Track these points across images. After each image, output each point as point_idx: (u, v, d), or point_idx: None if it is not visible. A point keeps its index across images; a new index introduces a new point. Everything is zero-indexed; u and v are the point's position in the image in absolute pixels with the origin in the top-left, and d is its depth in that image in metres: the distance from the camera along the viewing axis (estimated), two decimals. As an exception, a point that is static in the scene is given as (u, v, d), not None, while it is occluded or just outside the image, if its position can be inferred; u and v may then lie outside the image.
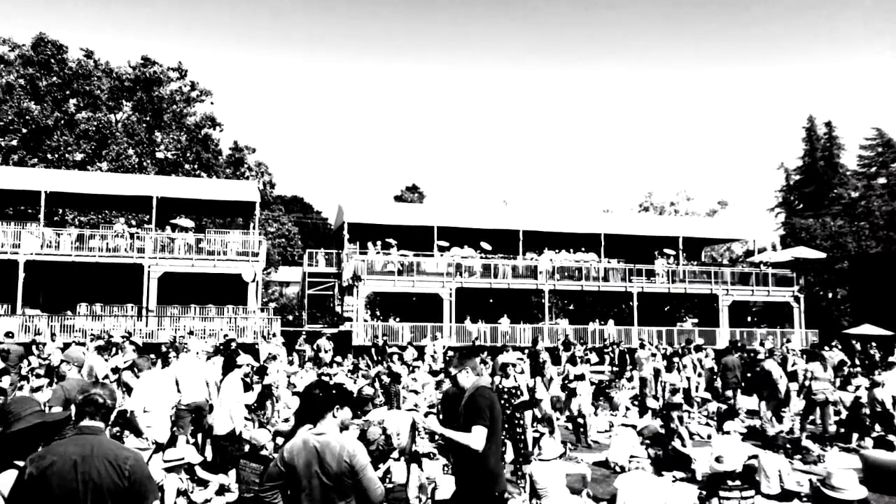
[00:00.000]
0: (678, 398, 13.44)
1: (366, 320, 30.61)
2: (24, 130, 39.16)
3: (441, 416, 11.27)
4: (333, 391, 4.74)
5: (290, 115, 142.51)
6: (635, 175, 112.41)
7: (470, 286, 31.55)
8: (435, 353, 24.63)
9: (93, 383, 4.04)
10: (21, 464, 3.92)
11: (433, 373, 20.05)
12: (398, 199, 62.43)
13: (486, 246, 33.29)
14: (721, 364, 17.67)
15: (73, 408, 4.24)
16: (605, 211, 51.16)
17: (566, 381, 15.15)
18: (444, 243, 32.37)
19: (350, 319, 31.90)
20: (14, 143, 39.33)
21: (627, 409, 17.28)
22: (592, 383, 16.76)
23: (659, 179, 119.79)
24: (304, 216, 68.11)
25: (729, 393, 16.86)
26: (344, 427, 4.68)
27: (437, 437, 12.83)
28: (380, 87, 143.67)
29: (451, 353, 22.95)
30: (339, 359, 21.12)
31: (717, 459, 8.11)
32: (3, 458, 4.63)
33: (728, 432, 11.21)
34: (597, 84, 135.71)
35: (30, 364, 16.48)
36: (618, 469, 10.97)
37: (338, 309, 37.56)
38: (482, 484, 5.38)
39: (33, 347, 18.68)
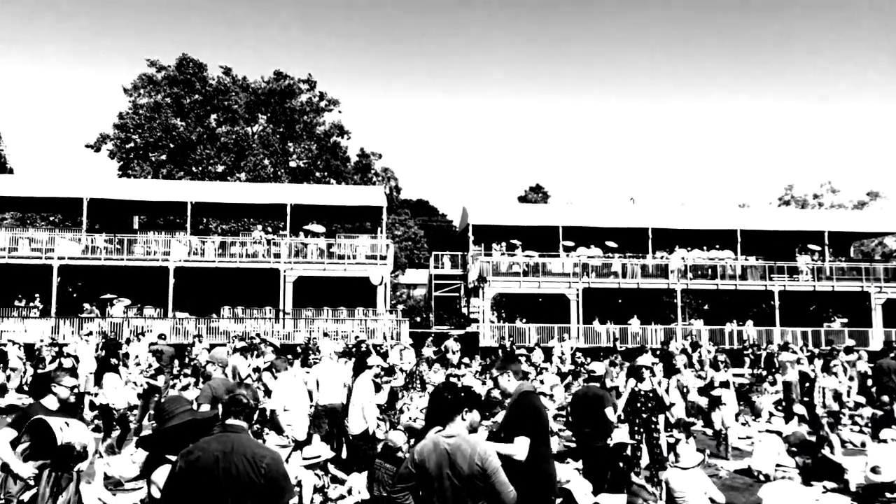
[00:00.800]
0: (833, 403, 12.54)
1: (492, 322, 30.65)
2: (172, 146, 42.13)
3: (571, 418, 11.06)
4: (462, 393, 4.71)
5: (414, 121, 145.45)
6: (773, 168, 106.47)
7: (597, 286, 30.92)
8: (563, 354, 24.28)
9: (238, 384, 4.22)
10: (173, 458, 4.16)
11: (561, 375, 19.77)
12: (522, 199, 62.16)
13: (612, 245, 32.51)
14: (875, 367, 16.36)
15: (219, 406, 4.45)
16: (740, 206, 48.74)
17: (709, 389, 14.47)
18: (570, 243, 31.90)
19: (476, 321, 32.06)
20: (163, 157, 42.40)
21: (771, 414, 16.33)
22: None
23: (800, 171, 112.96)
24: (430, 219, 69.17)
25: (885, 398, 15.56)
26: (473, 429, 4.63)
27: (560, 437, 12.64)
28: (503, 88, 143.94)
29: (578, 354, 22.56)
30: (466, 360, 21.23)
31: (874, 470, 7.47)
32: (159, 451, 4.92)
33: (885, 440, 10.34)
34: (731, 74, 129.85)
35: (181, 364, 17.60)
36: (762, 478, 10.38)
37: (464, 310, 37.85)
38: (538, 489, 5.31)
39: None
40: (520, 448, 5.20)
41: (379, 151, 47.67)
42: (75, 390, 5.98)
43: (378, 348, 19.36)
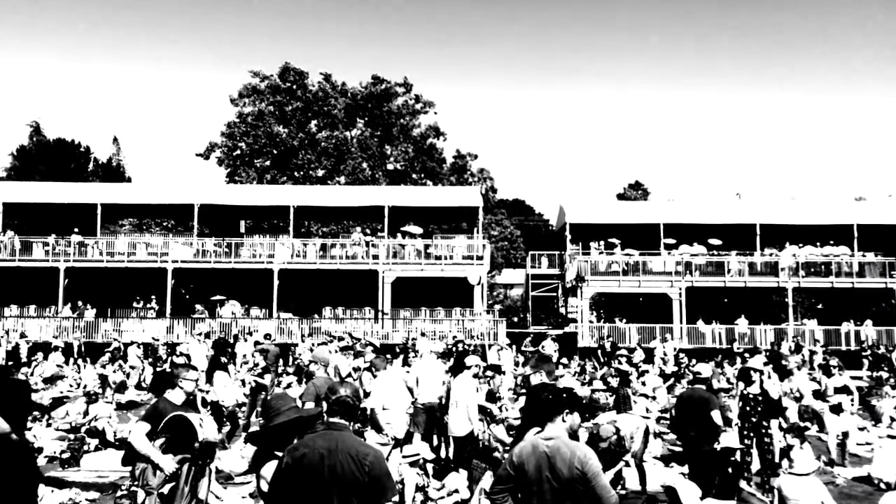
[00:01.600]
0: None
1: (591, 322, 30.16)
2: (275, 152, 43.68)
3: (675, 420, 10.69)
4: (563, 394, 4.61)
5: (510, 120, 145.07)
6: (892, 159, 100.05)
7: (701, 285, 29.88)
8: (665, 355, 23.58)
9: (340, 382, 4.28)
10: (280, 454, 4.27)
11: (664, 376, 19.18)
12: (621, 197, 60.85)
13: (715, 242, 31.31)
14: None
15: (323, 404, 4.54)
16: (857, 199, 45.98)
17: (822, 396, 13.71)
18: (671, 241, 30.97)
19: (574, 321, 31.62)
20: (267, 163, 44.01)
21: (892, 419, 15.30)
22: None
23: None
24: (526, 219, 68.78)
25: None
26: (573, 432, 4.52)
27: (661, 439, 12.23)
28: (601, 83, 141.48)
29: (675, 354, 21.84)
30: (564, 360, 20.94)
31: None
32: (266, 447, 5.08)
33: None
34: (846, 64, 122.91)
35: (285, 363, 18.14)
36: (882, 486, 9.75)
37: (562, 310, 37.42)
38: None
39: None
40: None
41: (475, 152, 47.81)
42: (197, 385, 6.26)
43: (474, 348, 19.38)
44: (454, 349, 17.72)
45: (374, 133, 45.43)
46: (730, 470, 8.52)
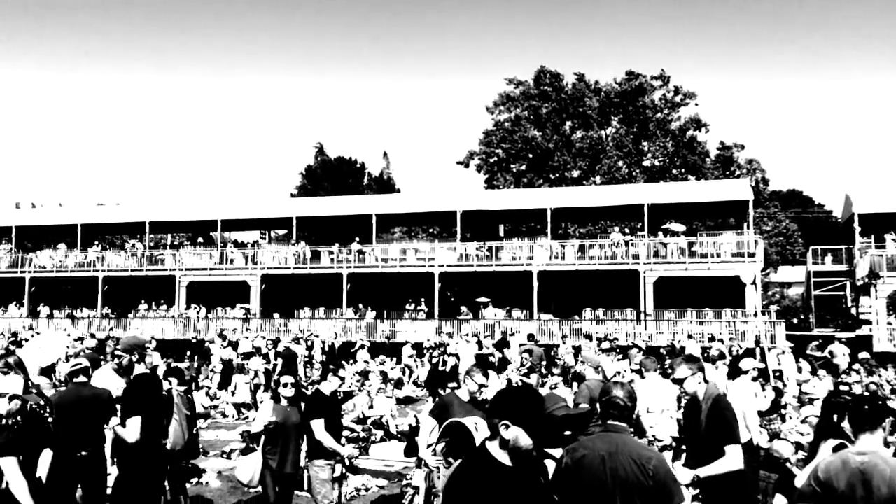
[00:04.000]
0: None
1: (889, 324, 26.58)
2: (531, 155, 44.48)
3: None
4: (881, 404, 4.03)
5: (780, 104, 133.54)
6: None
7: None
8: None
9: (613, 384, 4.16)
10: (552, 451, 4.30)
11: None
12: (918, 182, 53.14)
13: None
14: None
15: (597, 406, 4.45)
16: None
17: None
18: None
19: (868, 322, 28.07)
20: (523, 167, 44.98)
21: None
22: None
23: None
24: (804, 211, 62.71)
25: None
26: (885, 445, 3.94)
27: None
28: (884, 54, 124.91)
29: None
30: (856, 367, 18.63)
31: None
32: (538, 445, 5.11)
33: None
34: None
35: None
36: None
37: (852, 311, 33.45)
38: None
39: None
40: (734, 459, 5.08)
41: (741, 142, 44.64)
42: (484, 388, 6.48)
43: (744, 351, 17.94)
44: (734, 352, 16.58)
45: (629, 130, 44.37)
46: None
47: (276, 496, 6.86)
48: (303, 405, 7.18)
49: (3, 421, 4.87)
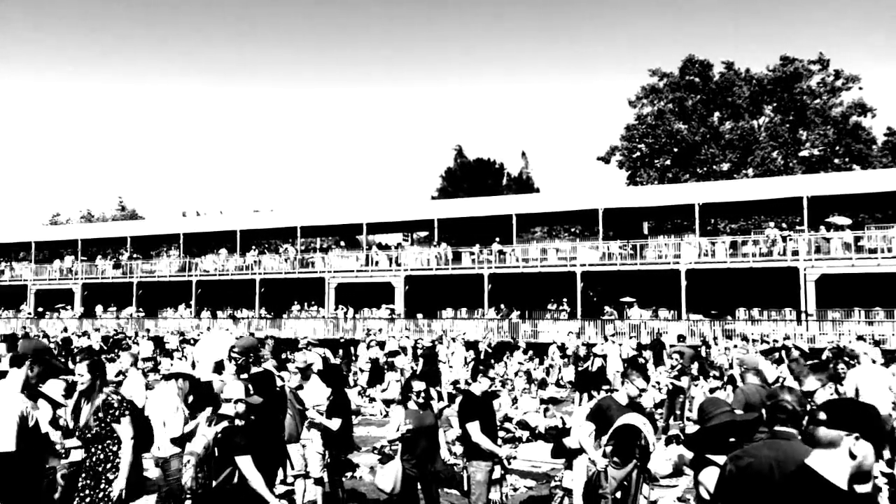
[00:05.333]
0: None
1: None
2: (676, 150, 42.80)
3: None
4: None
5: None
6: None
7: None
8: None
9: (781, 388, 3.90)
10: (714, 458, 4.23)
11: None
12: None
13: None
14: None
15: (763, 411, 4.20)
16: None
17: None
18: None
19: None
20: (668, 162, 43.37)
21: None
22: None
23: None
24: None
25: None
26: None
27: None
28: None
29: None
30: None
31: None
32: (700, 452, 4.87)
33: None
34: None
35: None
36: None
37: None
38: None
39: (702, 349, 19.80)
40: None
41: (912, 127, 40.82)
42: (644, 392, 6.36)
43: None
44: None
45: (784, 119, 41.70)
46: None
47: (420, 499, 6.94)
48: (457, 408, 7.21)
49: (236, 422, 5.35)
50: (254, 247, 40.45)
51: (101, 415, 5.55)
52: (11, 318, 40.00)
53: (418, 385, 7.08)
